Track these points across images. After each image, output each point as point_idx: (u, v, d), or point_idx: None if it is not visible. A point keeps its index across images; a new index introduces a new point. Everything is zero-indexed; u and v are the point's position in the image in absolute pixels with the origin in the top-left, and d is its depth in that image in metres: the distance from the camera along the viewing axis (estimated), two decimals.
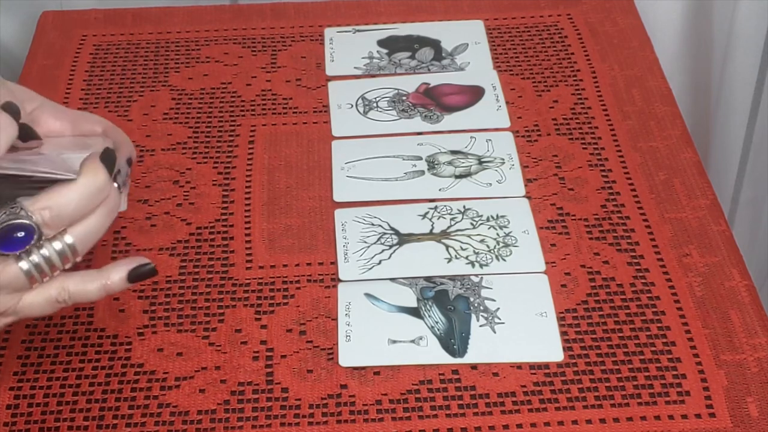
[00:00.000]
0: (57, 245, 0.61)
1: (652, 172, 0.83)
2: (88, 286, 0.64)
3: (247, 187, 0.83)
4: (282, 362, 0.70)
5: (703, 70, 1.14)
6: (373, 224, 0.79)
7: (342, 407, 0.68)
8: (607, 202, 0.81)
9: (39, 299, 0.63)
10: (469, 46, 0.96)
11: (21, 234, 0.60)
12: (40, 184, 0.62)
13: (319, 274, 0.76)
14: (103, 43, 0.97)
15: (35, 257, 0.61)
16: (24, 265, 0.61)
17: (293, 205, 0.81)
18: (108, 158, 0.63)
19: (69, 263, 0.62)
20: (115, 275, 0.65)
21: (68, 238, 0.62)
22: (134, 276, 0.65)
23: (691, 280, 0.75)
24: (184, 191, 0.82)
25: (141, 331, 0.73)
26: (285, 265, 0.77)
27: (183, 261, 0.77)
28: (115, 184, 0.64)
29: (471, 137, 0.87)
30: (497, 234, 0.78)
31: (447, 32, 0.97)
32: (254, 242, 0.78)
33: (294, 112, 0.89)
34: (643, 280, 0.75)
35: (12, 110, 0.64)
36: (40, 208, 0.60)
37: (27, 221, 0.60)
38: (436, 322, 0.72)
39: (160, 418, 0.67)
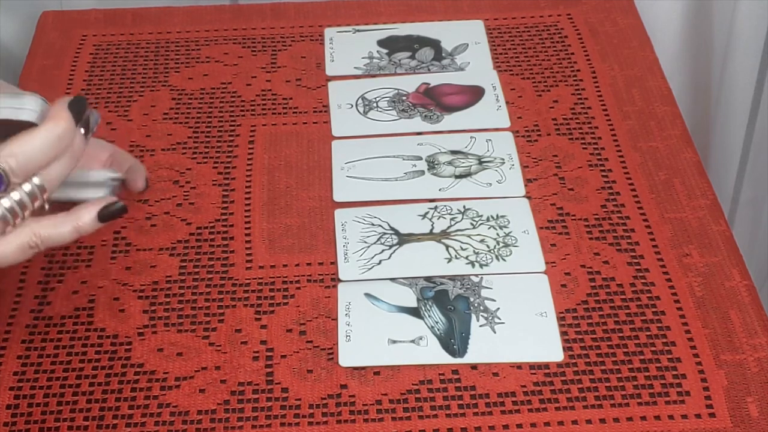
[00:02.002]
0: (26, 187, 0.62)
1: (652, 172, 0.83)
2: (59, 228, 0.64)
3: (247, 187, 0.83)
4: (282, 362, 0.70)
5: (703, 70, 1.14)
6: (373, 224, 0.79)
7: (342, 407, 0.68)
8: (607, 202, 0.81)
9: (11, 247, 0.63)
10: (469, 46, 0.96)
11: None
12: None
13: (319, 274, 0.76)
14: (103, 43, 0.97)
15: (5, 201, 0.61)
16: None
17: (293, 205, 0.81)
18: (76, 105, 0.64)
19: (38, 201, 0.63)
20: (86, 216, 0.65)
21: (36, 179, 0.62)
22: (104, 215, 0.66)
23: (691, 280, 0.75)
24: (184, 191, 0.82)
25: (141, 331, 0.73)
26: (285, 265, 0.77)
27: (183, 261, 0.77)
28: (82, 130, 0.64)
29: (471, 137, 0.87)
30: (497, 234, 0.78)
31: (447, 32, 0.97)
32: (254, 242, 0.78)
33: (294, 112, 0.89)
34: (643, 280, 0.75)
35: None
36: (6, 156, 0.61)
37: None
38: (436, 322, 0.72)
39: (160, 418, 0.67)
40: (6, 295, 0.74)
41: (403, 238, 0.78)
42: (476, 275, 0.75)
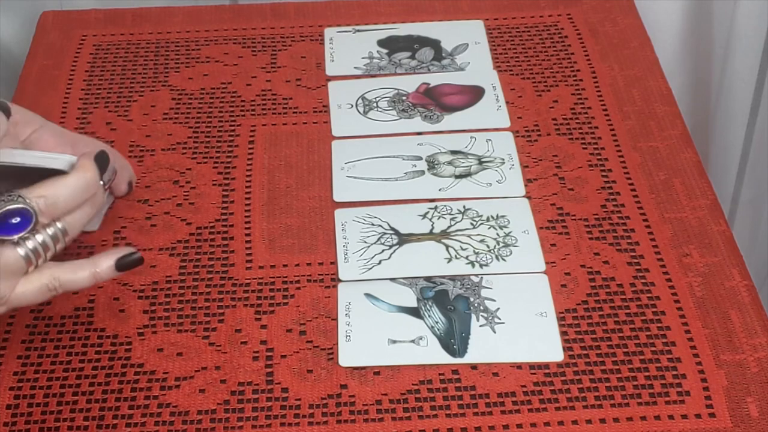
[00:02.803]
0: (50, 230, 0.65)
1: (652, 172, 0.83)
2: (78, 274, 0.67)
3: (247, 187, 0.83)
4: (282, 362, 0.70)
5: (703, 70, 1.14)
6: (373, 224, 0.79)
7: (342, 407, 0.68)
8: (607, 202, 0.81)
9: (31, 288, 0.65)
10: (469, 46, 0.96)
11: (17, 219, 0.63)
12: (26, 180, 0.65)
13: (319, 274, 0.76)
14: (103, 43, 0.97)
15: (30, 242, 0.64)
16: (21, 250, 0.64)
17: (293, 205, 0.81)
18: (101, 159, 0.68)
19: (60, 244, 0.66)
20: (104, 263, 0.68)
21: (59, 224, 0.66)
22: (122, 264, 0.69)
23: (691, 280, 0.75)
24: (184, 191, 0.82)
25: (141, 331, 0.73)
26: (285, 265, 0.77)
27: (183, 261, 0.77)
28: (101, 182, 0.68)
29: (471, 137, 0.87)
30: (497, 234, 0.78)
31: (447, 32, 0.97)
32: (254, 242, 0.78)
33: (294, 112, 0.89)
34: (643, 280, 0.75)
35: (2, 108, 0.69)
36: (36, 196, 0.64)
37: (24, 206, 0.63)
38: (436, 322, 0.72)
39: (160, 418, 0.67)
40: None
41: (403, 238, 0.78)
42: (476, 275, 0.75)
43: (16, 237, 0.64)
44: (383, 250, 0.77)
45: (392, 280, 0.75)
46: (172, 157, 0.85)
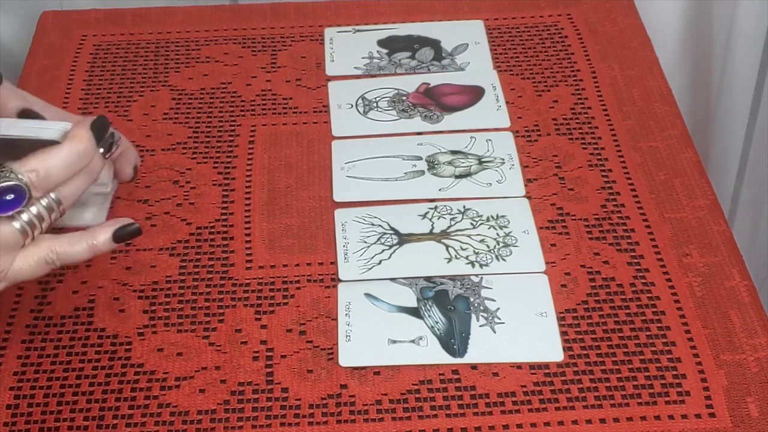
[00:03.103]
0: (44, 201, 0.64)
1: (652, 172, 0.83)
2: (75, 246, 0.66)
3: (247, 187, 0.83)
4: (282, 362, 0.70)
5: (703, 70, 1.14)
6: (373, 224, 0.79)
7: (342, 407, 0.68)
8: (607, 202, 0.81)
9: (29, 261, 0.65)
10: (469, 46, 0.96)
11: (11, 196, 0.62)
12: (20, 149, 0.64)
13: (319, 274, 0.76)
14: (103, 43, 0.97)
15: (25, 215, 0.63)
16: (16, 223, 0.63)
17: (293, 205, 0.81)
18: (99, 125, 0.66)
19: (54, 214, 0.65)
20: (101, 236, 0.67)
21: (53, 194, 0.64)
22: (119, 236, 0.68)
23: (691, 280, 0.75)
24: (184, 191, 0.82)
25: (141, 331, 0.73)
26: (285, 265, 0.77)
27: (183, 261, 0.77)
28: (101, 150, 0.67)
29: (471, 137, 0.87)
30: (497, 234, 0.78)
31: (447, 32, 0.97)
32: (254, 242, 0.78)
33: (294, 112, 0.89)
34: (643, 280, 0.75)
35: None
36: (27, 170, 0.63)
37: (17, 183, 0.62)
38: (436, 322, 0.72)
39: (160, 418, 0.67)
40: (6, 295, 0.74)
41: (403, 238, 0.78)
42: (476, 275, 0.75)
43: (10, 213, 0.63)
44: (383, 250, 0.77)
45: (392, 280, 0.75)
46: (172, 157, 0.85)
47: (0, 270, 0.64)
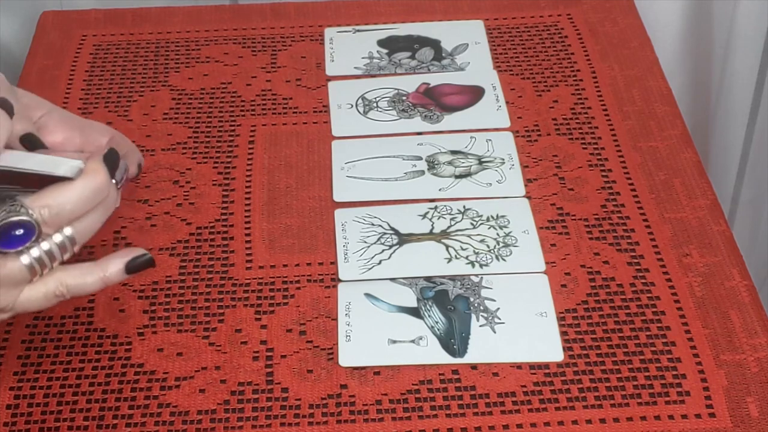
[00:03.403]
0: (57, 238, 0.62)
1: (652, 172, 0.83)
2: (86, 279, 0.64)
3: (247, 187, 0.83)
4: (282, 362, 0.70)
5: (703, 70, 1.14)
6: (373, 224, 0.79)
7: (342, 407, 0.68)
8: (607, 202, 0.81)
9: (37, 294, 0.63)
10: (469, 46, 0.96)
11: (20, 231, 0.61)
12: (31, 185, 0.62)
13: (319, 274, 0.76)
14: (103, 43, 0.97)
15: (35, 251, 0.61)
16: (25, 259, 0.61)
17: (293, 205, 0.81)
18: (111, 159, 0.64)
19: (67, 253, 0.63)
20: (113, 267, 0.65)
21: (67, 231, 0.62)
22: (132, 267, 0.66)
23: (691, 280, 0.75)
24: (184, 191, 0.82)
25: (141, 331, 0.73)
26: (285, 265, 0.77)
27: (183, 261, 0.77)
28: (114, 181, 0.65)
29: (471, 137, 0.87)
30: (497, 234, 0.78)
31: (447, 32, 0.97)
32: (254, 242, 0.78)
33: (294, 112, 0.89)
34: (643, 280, 0.75)
35: (6, 107, 0.64)
36: (39, 206, 0.61)
37: (27, 218, 0.60)
38: (436, 322, 0.72)
39: (160, 418, 0.67)
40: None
41: (403, 238, 0.78)
42: (476, 275, 0.75)
43: (18, 249, 0.61)
44: (383, 250, 0.77)
45: (392, 280, 0.75)
46: (172, 157, 0.85)
47: (4, 304, 0.62)
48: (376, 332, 0.72)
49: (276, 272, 0.76)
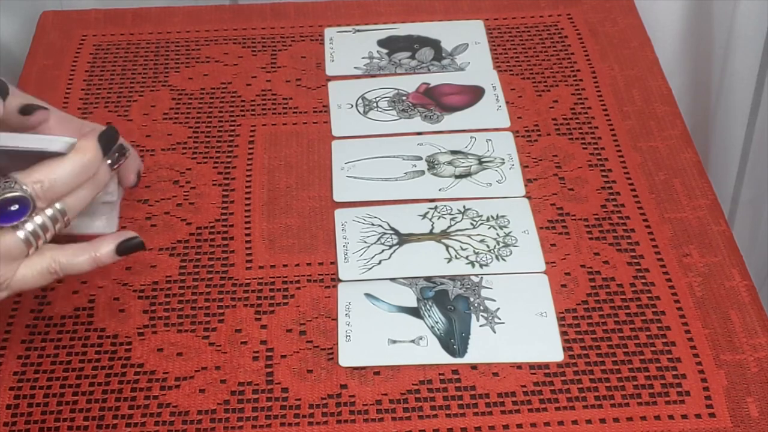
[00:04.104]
0: (49, 211, 0.64)
1: (652, 172, 0.83)
2: (78, 257, 0.66)
3: (247, 187, 0.83)
4: (282, 362, 0.70)
5: (703, 70, 1.14)
6: (373, 224, 0.79)
7: (342, 407, 0.68)
8: (607, 202, 0.81)
9: (32, 271, 0.65)
10: (469, 46, 0.96)
11: (15, 207, 0.63)
12: (26, 160, 0.64)
13: (319, 274, 0.76)
14: (103, 43, 0.97)
15: (30, 225, 0.64)
16: (21, 233, 0.63)
17: (293, 205, 0.81)
18: (107, 136, 0.67)
19: (59, 224, 0.65)
20: (105, 248, 0.67)
21: (58, 205, 0.65)
22: (122, 249, 0.68)
23: (691, 280, 0.75)
24: (184, 191, 0.82)
25: (141, 331, 0.73)
26: (285, 265, 0.77)
27: (183, 261, 0.77)
28: (108, 161, 0.67)
29: (471, 137, 0.87)
30: (497, 234, 0.78)
31: (447, 32, 0.97)
32: (254, 242, 0.78)
33: (294, 112, 0.89)
34: (643, 280, 0.75)
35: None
36: (32, 181, 0.63)
37: (22, 194, 0.63)
38: (436, 322, 0.72)
39: (160, 418, 0.67)
40: None
41: (403, 238, 0.78)
42: (476, 275, 0.75)
43: (14, 224, 0.63)
44: (383, 250, 0.77)
45: (392, 280, 0.75)
46: (172, 157, 0.85)
47: (3, 279, 0.64)
48: (376, 332, 0.72)
49: (276, 272, 0.76)
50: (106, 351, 0.71)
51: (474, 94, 0.91)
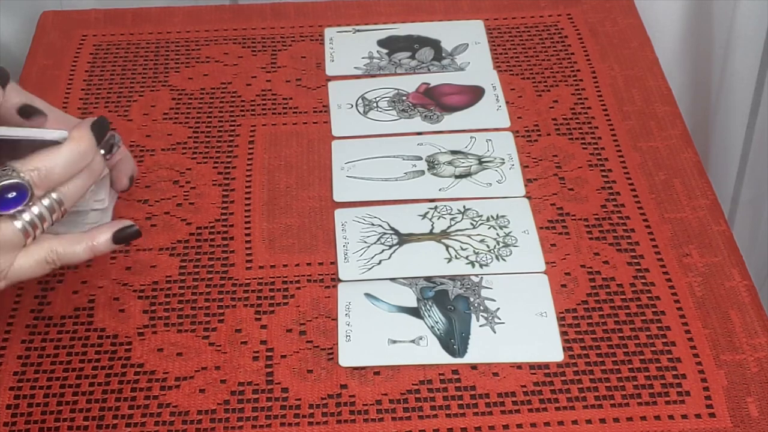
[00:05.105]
0: (45, 201, 0.65)
1: (652, 172, 0.83)
2: (75, 246, 0.67)
3: (247, 187, 0.83)
4: (282, 362, 0.70)
5: (703, 70, 1.14)
6: (373, 224, 0.79)
7: (342, 407, 0.68)
8: (607, 202, 0.81)
9: (30, 261, 0.65)
10: (469, 46, 0.96)
11: (13, 194, 0.63)
12: (21, 151, 0.65)
13: (319, 274, 0.76)
14: (103, 43, 0.97)
15: (27, 215, 0.64)
16: (18, 223, 0.64)
17: (293, 205, 0.81)
18: (99, 126, 0.67)
19: (56, 214, 0.65)
20: (101, 237, 0.68)
21: (54, 194, 0.65)
22: (119, 237, 0.68)
23: (691, 280, 0.75)
24: (184, 191, 0.82)
25: (141, 331, 0.73)
26: (285, 265, 0.77)
27: (183, 261, 0.77)
28: (102, 151, 0.68)
29: (471, 137, 0.87)
30: (497, 234, 0.78)
31: (447, 32, 0.97)
32: (254, 242, 0.78)
33: (294, 112, 0.89)
34: (643, 280, 0.75)
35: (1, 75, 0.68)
36: (29, 169, 0.64)
37: (19, 181, 0.63)
38: (436, 322, 0.72)
39: (160, 418, 0.67)
40: (6, 295, 0.74)
41: (403, 238, 0.78)
42: (476, 275, 0.75)
43: (12, 212, 0.63)
44: (383, 250, 0.77)
45: (392, 280, 0.75)
46: (172, 157, 0.85)
47: (1, 269, 0.64)
48: (376, 332, 0.72)
49: (276, 272, 0.76)
50: (106, 351, 0.71)
51: (474, 94, 0.91)
